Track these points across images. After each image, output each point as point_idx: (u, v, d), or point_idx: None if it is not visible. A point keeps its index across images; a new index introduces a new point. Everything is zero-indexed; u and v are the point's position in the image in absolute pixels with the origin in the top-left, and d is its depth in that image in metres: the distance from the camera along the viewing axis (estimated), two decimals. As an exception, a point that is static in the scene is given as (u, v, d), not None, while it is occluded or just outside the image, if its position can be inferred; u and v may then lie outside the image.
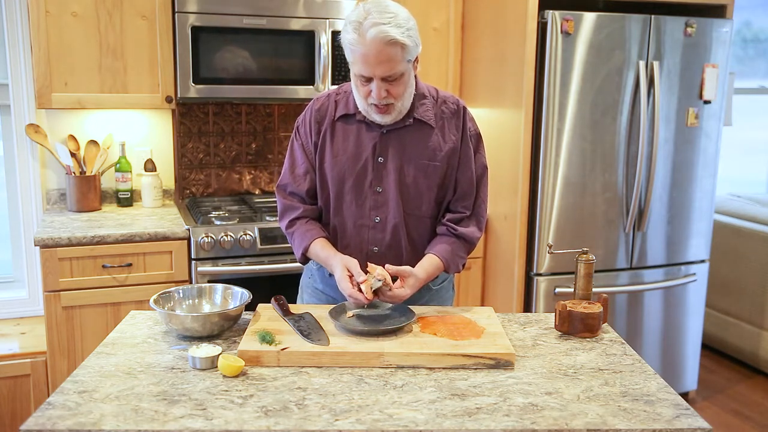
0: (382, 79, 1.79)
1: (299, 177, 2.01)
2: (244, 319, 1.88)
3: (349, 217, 1.97)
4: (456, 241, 1.96)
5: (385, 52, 1.75)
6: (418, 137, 1.93)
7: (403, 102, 1.87)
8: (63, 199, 3.29)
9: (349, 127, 1.95)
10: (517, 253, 3.19)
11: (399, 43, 1.76)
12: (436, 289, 2.08)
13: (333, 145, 1.95)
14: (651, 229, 3.31)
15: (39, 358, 2.85)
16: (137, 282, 2.86)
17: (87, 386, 1.50)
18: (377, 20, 1.74)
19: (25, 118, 3.20)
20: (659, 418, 1.41)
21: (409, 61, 1.83)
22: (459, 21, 3.52)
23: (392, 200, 1.93)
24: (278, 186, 2.05)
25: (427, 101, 1.95)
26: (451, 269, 1.96)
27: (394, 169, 1.92)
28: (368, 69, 1.78)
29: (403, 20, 1.78)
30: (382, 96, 1.81)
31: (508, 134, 3.21)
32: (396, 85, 1.82)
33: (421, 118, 1.93)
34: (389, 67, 1.77)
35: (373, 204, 1.95)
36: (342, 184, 1.95)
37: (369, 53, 1.75)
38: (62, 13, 2.92)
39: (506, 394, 1.49)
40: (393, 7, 1.80)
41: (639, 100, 3.15)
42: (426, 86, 1.99)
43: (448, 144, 1.94)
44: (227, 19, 3.02)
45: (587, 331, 1.82)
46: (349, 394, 1.49)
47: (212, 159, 3.50)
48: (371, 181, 1.94)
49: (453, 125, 1.95)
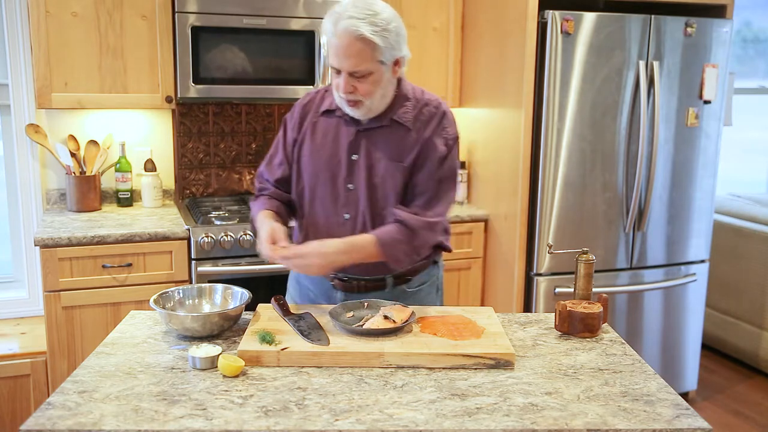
0: (350, 74, 1.81)
1: (274, 167, 2.07)
2: (244, 319, 1.88)
3: (322, 213, 2.00)
4: (399, 227, 1.89)
5: (353, 47, 1.77)
6: (391, 138, 1.93)
7: (373, 101, 1.87)
8: (63, 199, 3.29)
9: (330, 122, 1.98)
10: (517, 253, 3.19)
11: (368, 41, 1.76)
12: (411, 291, 2.06)
13: (313, 140, 1.99)
14: (651, 229, 3.31)
15: (39, 358, 2.85)
16: (137, 282, 2.86)
17: (87, 386, 1.50)
18: (353, 14, 1.76)
19: (25, 118, 3.20)
20: (659, 418, 1.41)
21: (383, 62, 1.82)
22: (459, 21, 3.52)
23: (362, 198, 1.94)
24: (257, 173, 2.13)
25: (409, 104, 1.94)
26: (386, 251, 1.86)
27: (365, 168, 1.93)
28: (337, 60, 1.81)
29: (382, 20, 1.78)
30: (348, 90, 1.83)
31: (508, 134, 3.21)
32: (364, 82, 1.82)
33: (398, 120, 1.92)
34: (356, 62, 1.78)
35: (344, 201, 1.96)
36: (317, 178, 1.98)
37: (339, 45, 1.78)
38: (62, 13, 2.92)
39: (506, 394, 1.49)
40: (378, 6, 1.80)
41: (639, 100, 3.15)
42: (412, 89, 1.98)
43: (417, 147, 1.92)
44: (227, 19, 3.02)
45: (587, 331, 1.82)
46: (349, 394, 1.49)
47: (212, 159, 3.50)
48: (344, 178, 1.95)
49: (430, 128, 1.93)
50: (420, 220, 1.90)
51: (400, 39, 1.84)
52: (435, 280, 2.15)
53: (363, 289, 2.02)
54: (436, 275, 2.14)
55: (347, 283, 2.03)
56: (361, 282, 2.02)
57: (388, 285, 2.02)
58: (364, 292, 2.02)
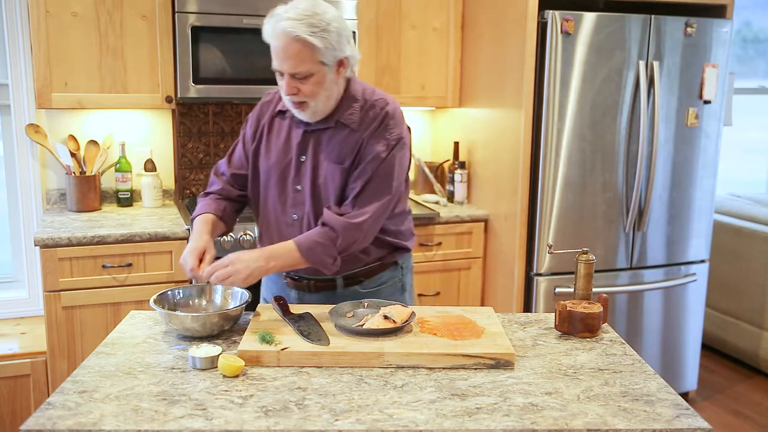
0: (291, 75, 1.81)
1: (233, 162, 2.10)
2: (244, 319, 1.88)
3: (273, 213, 2.01)
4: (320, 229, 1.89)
5: (291, 48, 1.78)
6: (335, 140, 1.93)
7: (317, 103, 1.87)
8: (63, 199, 3.29)
9: (283, 123, 2.00)
10: (517, 253, 3.19)
11: (306, 42, 1.76)
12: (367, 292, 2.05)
13: (268, 140, 2.01)
14: (651, 229, 3.31)
15: (39, 358, 2.85)
16: (137, 282, 2.86)
17: (87, 386, 1.50)
18: (292, 16, 1.77)
19: (25, 118, 3.20)
20: (659, 418, 1.41)
21: (324, 63, 1.82)
22: (459, 21, 3.52)
23: (307, 199, 1.95)
24: (215, 166, 2.14)
25: (356, 105, 1.93)
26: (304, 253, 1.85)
27: (311, 169, 1.94)
28: (277, 62, 1.82)
29: (321, 21, 1.78)
30: (291, 92, 1.83)
31: (508, 134, 3.21)
32: (306, 83, 1.82)
33: (344, 121, 1.92)
34: (295, 63, 1.79)
35: (292, 202, 1.98)
36: (269, 179, 2.00)
37: (277, 46, 1.80)
38: (62, 13, 2.92)
39: (506, 394, 1.49)
40: (319, 7, 1.80)
41: (639, 100, 3.15)
42: (362, 89, 1.97)
43: (359, 148, 1.92)
44: (227, 19, 3.02)
45: (587, 331, 1.82)
46: (349, 394, 1.48)
47: (212, 159, 3.50)
48: (293, 178, 1.97)
49: (371, 130, 1.92)
50: (341, 221, 1.87)
51: (342, 39, 1.83)
52: (398, 282, 2.12)
53: (313, 289, 2.04)
54: (398, 276, 2.12)
55: (298, 281, 2.04)
56: (311, 281, 2.03)
57: (338, 285, 2.03)
58: (314, 291, 2.04)
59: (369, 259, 2.02)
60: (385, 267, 2.07)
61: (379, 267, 2.06)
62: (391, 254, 2.07)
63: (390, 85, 3.48)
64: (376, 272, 2.06)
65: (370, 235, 1.94)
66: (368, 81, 3.42)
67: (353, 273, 2.03)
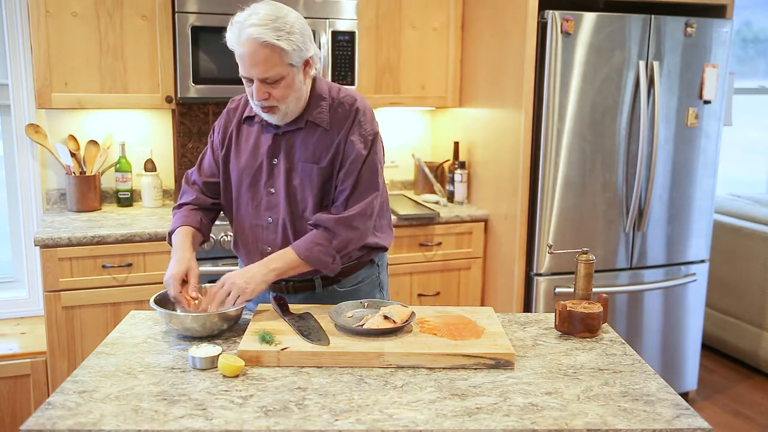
0: (261, 81, 1.81)
1: (203, 169, 2.09)
2: (244, 319, 1.88)
3: (246, 217, 2.01)
4: (314, 230, 1.91)
5: (260, 54, 1.76)
6: (308, 140, 1.93)
7: (288, 105, 1.87)
8: (63, 199, 3.29)
9: (251, 128, 2.00)
10: (517, 253, 3.19)
11: (274, 46, 1.76)
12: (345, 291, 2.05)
13: (237, 146, 2.01)
14: (651, 229, 3.31)
15: (39, 358, 2.85)
16: (137, 282, 2.86)
17: (87, 386, 1.50)
18: (255, 22, 1.76)
19: (25, 118, 3.20)
20: (659, 418, 1.41)
21: (292, 65, 1.82)
22: (459, 21, 3.52)
23: (282, 202, 1.95)
24: (186, 175, 2.14)
25: (324, 104, 1.93)
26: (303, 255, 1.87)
27: (285, 171, 1.94)
28: (244, 69, 1.81)
29: (285, 24, 1.78)
30: (262, 97, 1.83)
31: (508, 134, 3.21)
32: (277, 87, 1.82)
33: (314, 121, 1.92)
34: (265, 68, 1.78)
35: (266, 205, 1.98)
36: (240, 184, 2.00)
37: (244, 54, 1.78)
38: (62, 13, 2.92)
39: (506, 394, 1.49)
40: (279, 10, 1.80)
41: (639, 100, 3.15)
42: (328, 87, 1.97)
43: (334, 147, 1.92)
44: (227, 19, 2.98)
45: (587, 331, 1.82)
46: (349, 394, 1.49)
47: (212, 159, 3.49)
48: (265, 182, 1.97)
49: (345, 127, 1.92)
50: (333, 219, 1.89)
51: (306, 39, 1.83)
52: (375, 279, 2.13)
53: (292, 290, 2.04)
54: (375, 274, 2.12)
55: (276, 284, 2.02)
56: (289, 283, 2.03)
57: (317, 286, 2.03)
58: (293, 293, 2.04)
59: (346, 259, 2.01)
60: (362, 265, 2.08)
61: (356, 266, 2.06)
62: (368, 253, 2.07)
63: (390, 85, 3.48)
64: (353, 271, 2.06)
65: (366, 230, 1.95)
66: (368, 81, 3.42)
67: None
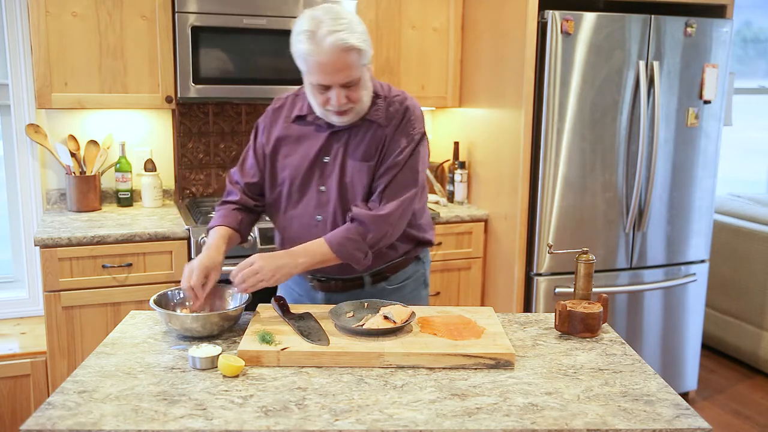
0: (342, 86, 1.80)
1: (246, 170, 2.08)
2: (244, 319, 1.88)
3: (296, 216, 2.00)
4: (349, 225, 1.90)
5: (342, 60, 1.75)
6: (362, 137, 1.93)
7: (362, 105, 1.88)
8: (63, 199, 3.29)
9: (301, 128, 1.99)
10: (517, 253, 3.19)
11: (356, 49, 1.76)
12: (393, 288, 2.06)
13: (286, 145, 2.00)
14: (651, 229, 3.31)
15: (39, 358, 2.85)
16: (137, 282, 2.86)
17: (87, 386, 1.50)
18: (332, 27, 1.74)
19: (25, 118, 3.20)
20: (659, 418, 1.41)
21: (365, 65, 1.83)
22: (459, 21, 3.52)
23: (333, 199, 1.94)
24: (228, 174, 2.14)
25: (379, 101, 1.94)
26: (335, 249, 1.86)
27: (337, 169, 1.94)
28: (327, 78, 1.78)
29: (356, 25, 1.78)
30: (342, 102, 1.82)
31: (508, 134, 3.21)
32: (355, 90, 1.82)
33: (371, 118, 1.92)
34: (348, 74, 1.78)
35: (317, 203, 1.97)
36: (291, 183, 1.99)
37: (327, 62, 1.75)
38: (62, 13, 2.92)
39: (506, 394, 1.49)
40: (343, 12, 1.79)
41: (639, 100, 3.15)
42: (380, 85, 1.98)
43: (384, 144, 1.92)
44: (227, 19, 3.02)
45: (587, 331, 1.82)
46: (349, 394, 1.49)
47: (212, 159, 3.50)
48: (316, 180, 1.96)
49: (393, 125, 1.93)
50: (369, 215, 1.88)
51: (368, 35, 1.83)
52: (420, 276, 2.14)
53: (341, 289, 2.03)
54: (420, 270, 2.13)
55: (325, 283, 2.04)
56: (338, 282, 2.03)
57: (366, 284, 2.03)
58: (342, 291, 2.03)
59: (395, 255, 2.02)
60: (409, 262, 2.08)
61: (404, 262, 2.06)
62: (414, 249, 2.08)
63: (390, 85, 3.48)
64: (401, 267, 2.06)
65: (399, 229, 1.95)
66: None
67: (380, 269, 2.03)
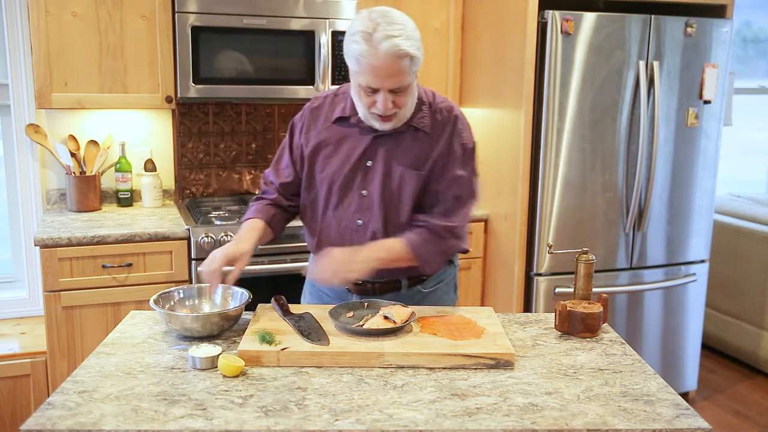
0: (390, 91, 1.78)
1: (280, 170, 2.07)
2: (244, 319, 1.88)
3: (334, 219, 1.98)
4: (423, 230, 1.91)
5: (395, 65, 1.74)
6: (409, 144, 1.92)
7: (406, 111, 1.86)
8: (63, 199, 3.29)
9: (343, 129, 1.96)
10: (517, 253, 3.19)
11: (410, 56, 1.75)
12: (428, 292, 2.06)
13: (326, 147, 1.97)
14: (651, 229, 3.31)
15: (39, 358, 2.85)
16: (137, 282, 2.86)
17: (87, 386, 1.50)
18: (389, 32, 1.72)
19: (25, 118, 3.20)
20: (659, 418, 1.41)
21: (415, 72, 1.82)
22: (459, 21, 3.52)
23: (375, 205, 1.93)
24: (263, 174, 2.14)
25: (424, 108, 1.93)
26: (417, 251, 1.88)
27: (381, 174, 1.92)
28: (377, 81, 1.77)
29: (412, 31, 1.77)
30: (389, 107, 1.80)
31: (508, 134, 3.21)
32: (402, 96, 1.81)
33: (416, 125, 1.91)
34: (398, 79, 1.76)
35: (357, 207, 1.95)
36: (331, 185, 1.96)
37: (380, 66, 1.74)
38: (62, 13, 2.92)
39: (506, 394, 1.49)
40: (400, 17, 1.78)
41: (639, 100, 3.15)
42: (423, 91, 1.97)
43: (435, 153, 1.92)
44: (227, 19, 3.02)
45: (587, 331, 1.82)
46: (349, 394, 1.49)
47: (212, 159, 3.50)
48: (358, 184, 1.94)
49: (444, 134, 1.93)
50: (444, 226, 1.91)
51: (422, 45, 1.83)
52: (451, 279, 2.14)
53: (378, 292, 2.02)
54: (452, 274, 2.14)
55: (362, 286, 2.02)
56: (376, 284, 2.01)
57: (403, 286, 2.02)
58: (379, 294, 2.02)
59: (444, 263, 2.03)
60: (443, 265, 2.07)
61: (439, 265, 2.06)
62: None
63: (390, 85, 3.48)
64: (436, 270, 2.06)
65: (465, 241, 1.98)
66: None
67: (418, 273, 2.02)
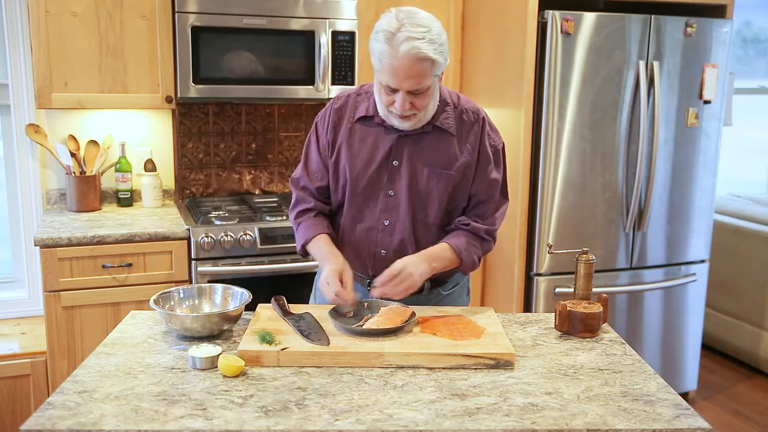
0: (408, 92, 1.78)
1: (312, 173, 2.02)
2: (244, 319, 1.88)
3: (360, 219, 1.97)
4: (467, 233, 1.94)
5: (415, 68, 1.73)
6: (435, 144, 1.91)
7: (426, 113, 1.86)
8: (63, 199, 3.29)
9: (367, 128, 1.94)
10: (517, 253, 3.19)
11: (430, 60, 1.74)
12: (446, 294, 2.07)
13: (350, 146, 1.95)
14: (651, 229, 3.31)
15: (39, 358, 2.85)
16: (137, 282, 2.86)
17: (87, 386, 1.50)
18: (411, 34, 1.71)
19: (25, 118, 3.20)
20: (659, 418, 1.41)
21: (437, 75, 1.81)
22: (459, 21, 3.52)
23: (402, 204, 1.92)
24: (292, 179, 2.08)
25: (448, 109, 1.92)
26: (464, 256, 1.91)
27: (408, 174, 1.91)
28: (396, 81, 1.76)
29: (436, 35, 1.75)
30: (406, 108, 1.80)
31: (508, 134, 3.20)
32: (421, 98, 1.80)
33: (441, 126, 1.91)
34: (417, 81, 1.76)
35: (383, 207, 1.94)
36: (356, 185, 1.95)
37: (399, 67, 1.73)
38: (62, 13, 2.92)
39: (506, 394, 1.49)
40: (426, 19, 1.76)
41: (639, 100, 3.15)
42: (448, 93, 1.96)
43: (464, 155, 1.92)
44: (227, 19, 3.02)
45: (587, 331, 1.82)
46: (349, 394, 1.49)
47: (212, 159, 3.50)
48: (384, 184, 1.93)
49: (472, 137, 1.93)
50: (485, 229, 1.95)
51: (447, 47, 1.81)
52: (466, 282, 2.16)
53: None
54: (467, 277, 2.15)
55: None
56: None
57: (425, 288, 2.01)
58: None
59: None
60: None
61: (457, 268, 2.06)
62: None
63: (390, 85, 3.48)
64: (454, 273, 2.06)
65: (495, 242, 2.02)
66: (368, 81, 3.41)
67: (441, 275, 2.01)
